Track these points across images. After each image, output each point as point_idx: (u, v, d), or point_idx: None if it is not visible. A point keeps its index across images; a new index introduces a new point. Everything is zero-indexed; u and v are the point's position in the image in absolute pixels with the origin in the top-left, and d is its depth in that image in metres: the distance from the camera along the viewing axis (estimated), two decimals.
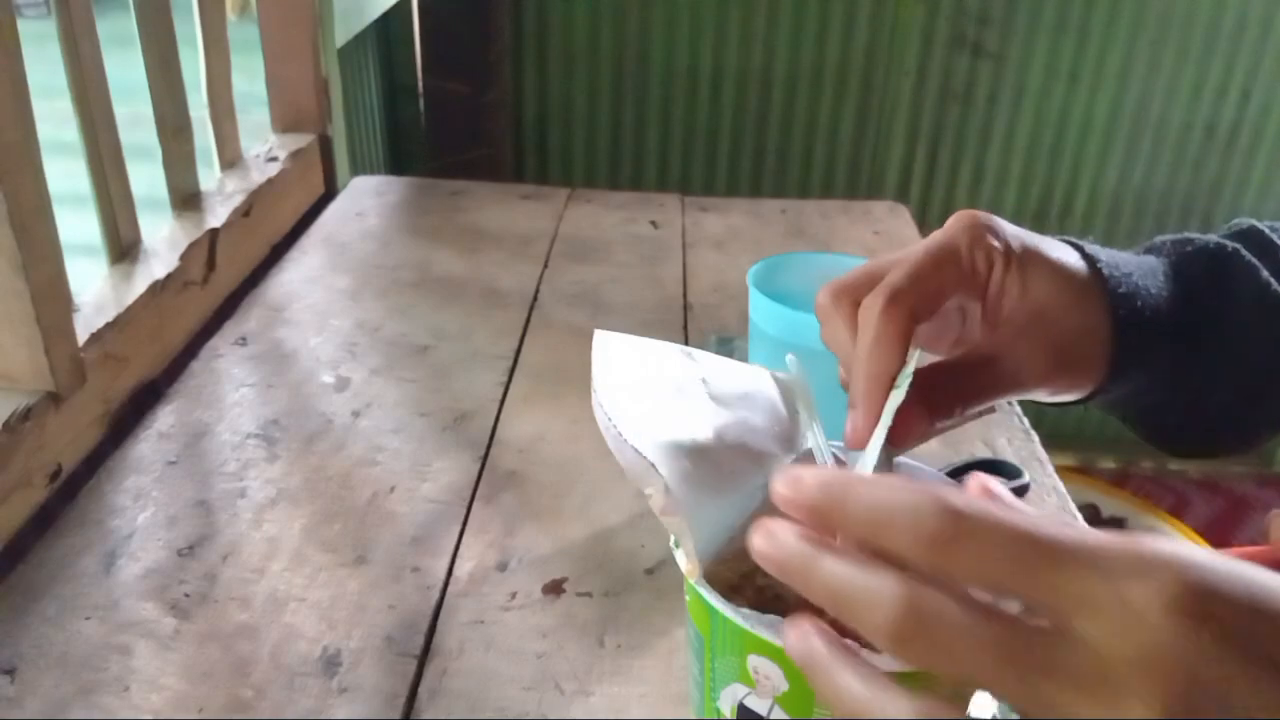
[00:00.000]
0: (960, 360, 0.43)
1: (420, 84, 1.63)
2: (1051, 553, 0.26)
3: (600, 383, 0.42)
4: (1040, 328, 0.43)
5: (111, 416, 0.72)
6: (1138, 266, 0.46)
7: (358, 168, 1.45)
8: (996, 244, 0.43)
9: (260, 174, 1.00)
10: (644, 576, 0.59)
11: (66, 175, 0.71)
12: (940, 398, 0.41)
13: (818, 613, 0.41)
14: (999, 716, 0.32)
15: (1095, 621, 0.25)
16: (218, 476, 0.66)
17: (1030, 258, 0.43)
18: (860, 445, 0.40)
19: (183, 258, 0.82)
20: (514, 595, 0.57)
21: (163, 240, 0.84)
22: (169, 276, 0.79)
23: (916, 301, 0.41)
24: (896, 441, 0.40)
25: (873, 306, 0.41)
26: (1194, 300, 0.46)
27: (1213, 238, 0.48)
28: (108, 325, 0.71)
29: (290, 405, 0.74)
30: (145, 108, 0.85)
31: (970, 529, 0.26)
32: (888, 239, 1.08)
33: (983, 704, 0.32)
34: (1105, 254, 0.46)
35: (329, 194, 1.14)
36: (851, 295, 0.43)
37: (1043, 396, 0.45)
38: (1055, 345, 0.43)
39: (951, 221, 0.43)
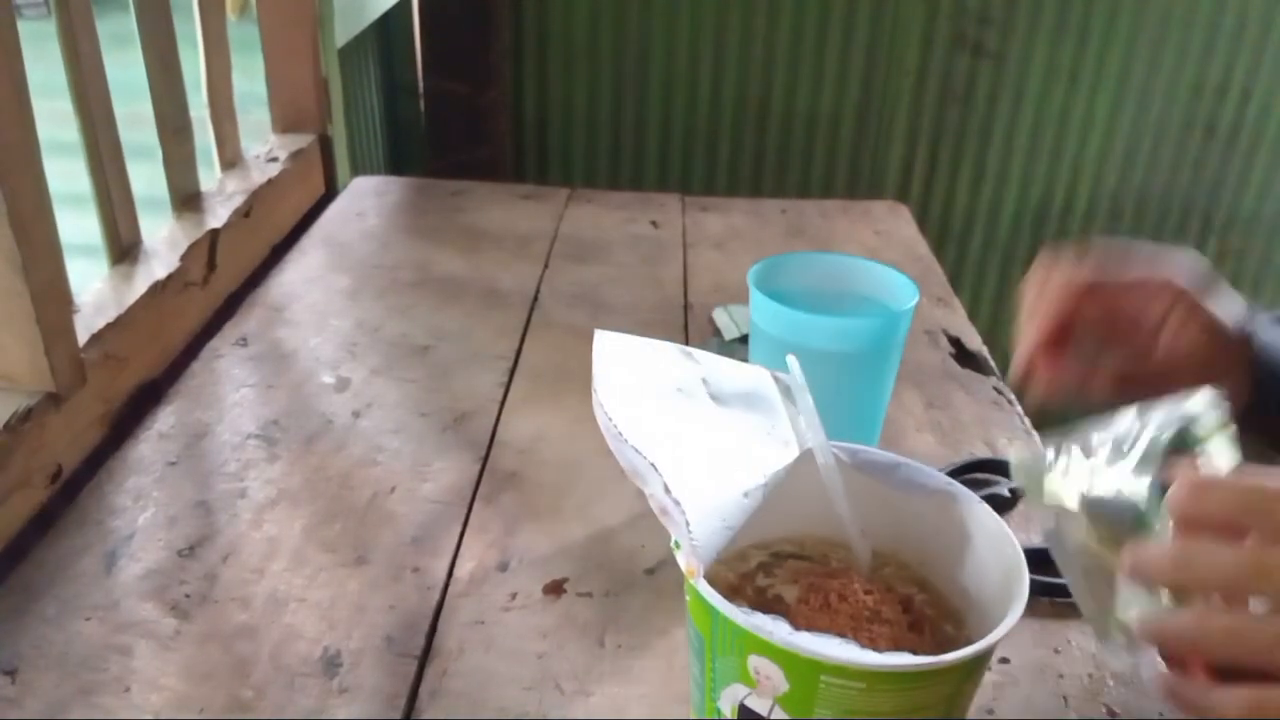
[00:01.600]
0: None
1: (420, 84, 1.63)
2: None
3: (600, 383, 0.42)
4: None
5: (111, 417, 0.72)
6: None
7: (358, 168, 1.45)
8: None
9: (260, 174, 1.00)
10: (644, 576, 0.59)
11: (66, 175, 0.71)
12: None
13: (815, 615, 0.41)
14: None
15: None
16: (218, 477, 0.66)
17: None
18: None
19: (183, 258, 0.82)
20: (514, 595, 0.57)
21: (163, 240, 0.84)
22: (169, 277, 0.79)
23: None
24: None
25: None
26: None
27: None
28: (108, 326, 0.71)
29: (290, 405, 0.74)
30: (145, 108, 0.85)
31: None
32: (888, 239, 1.08)
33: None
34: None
35: (329, 194, 1.14)
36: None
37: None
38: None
39: None
